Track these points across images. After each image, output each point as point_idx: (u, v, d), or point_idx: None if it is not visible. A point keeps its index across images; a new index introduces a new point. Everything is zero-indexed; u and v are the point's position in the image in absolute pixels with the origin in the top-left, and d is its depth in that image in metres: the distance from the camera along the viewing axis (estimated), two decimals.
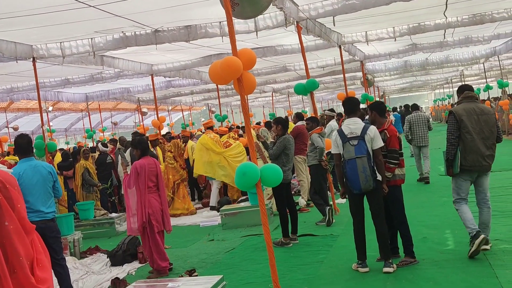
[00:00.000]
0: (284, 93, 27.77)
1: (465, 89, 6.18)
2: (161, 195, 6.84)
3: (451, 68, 24.59)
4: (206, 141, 11.30)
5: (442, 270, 5.51)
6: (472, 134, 5.82)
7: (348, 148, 5.69)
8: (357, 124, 5.80)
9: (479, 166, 5.85)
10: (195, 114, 46.15)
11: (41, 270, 2.51)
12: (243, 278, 6.14)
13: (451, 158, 5.90)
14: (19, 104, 22.69)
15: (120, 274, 6.81)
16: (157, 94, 17.94)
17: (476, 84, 32.47)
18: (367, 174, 5.59)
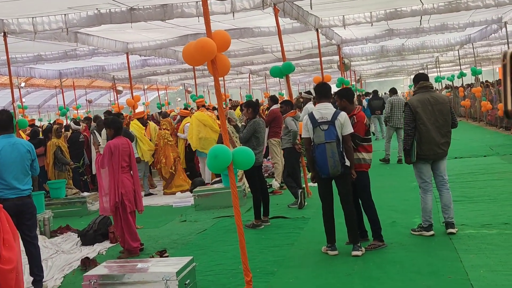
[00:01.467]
0: (261, 75, 27.69)
1: (420, 78, 6.35)
2: (134, 175, 6.82)
3: (426, 54, 24.81)
4: (205, 117, 11.36)
5: (409, 254, 5.64)
6: (426, 125, 6.05)
7: (318, 132, 5.72)
8: (328, 109, 5.84)
9: (434, 154, 6.12)
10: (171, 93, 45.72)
11: (7, 250, 2.49)
12: (214, 259, 6.18)
13: (408, 148, 6.15)
14: None
15: (91, 254, 6.79)
16: (133, 73, 17.77)
17: (450, 71, 32.88)
18: (335, 159, 5.64)
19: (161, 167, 11.33)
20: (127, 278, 4.69)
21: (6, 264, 2.43)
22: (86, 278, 4.80)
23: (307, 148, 5.97)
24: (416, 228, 6.35)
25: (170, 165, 11.30)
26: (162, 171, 11.46)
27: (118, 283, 4.70)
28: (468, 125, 20.98)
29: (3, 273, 2.41)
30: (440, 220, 6.59)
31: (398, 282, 4.85)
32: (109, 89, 30.11)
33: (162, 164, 11.27)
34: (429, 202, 6.21)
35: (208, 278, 5.47)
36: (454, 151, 12.33)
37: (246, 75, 25.25)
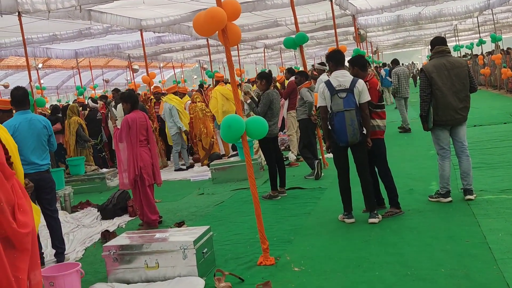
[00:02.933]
0: (276, 49, 27.49)
1: (436, 43, 6.21)
2: (151, 149, 6.86)
3: (444, 23, 24.34)
4: (226, 91, 11.39)
5: (426, 220, 5.62)
6: (442, 90, 5.95)
7: (337, 100, 5.66)
8: (346, 76, 5.77)
9: (452, 120, 6.04)
10: (187, 71, 45.73)
11: (23, 214, 2.53)
12: (231, 229, 6.24)
13: (424, 114, 6.08)
14: (8, 61, 22.42)
15: (110, 227, 6.91)
16: (147, 51, 17.74)
17: (469, 39, 32.23)
18: (354, 127, 5.60)
19: (202, 138, 11.35)
20: (145, 248, 4.76)
21: (22, 228, 2.48)
22: (105, 248, 4.89)
23: (323, 117, 5.92)
24: (434, 195, 6.31)
25: (211, 134, 11.40)
26: (202, 142, 11.48)
27: (137, 253, 4.78)
28: (488, 93, 20.64)
29: (20, 236, 2.46)
30: (458, 186, 6.54)
31: (415, 247, 4.85)
32: (125, 68, 30.21)
33: (204, 134, 11.26)
34: (447, 168, 6.16)
35: (225, 248, 5.53)
36: (474, 119, 12.21)
37: (261, 50, 25.11)
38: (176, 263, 4.69)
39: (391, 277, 4.22)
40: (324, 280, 4.34)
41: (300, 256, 4.98)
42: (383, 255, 4.72)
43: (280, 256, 5.02)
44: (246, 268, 4.84)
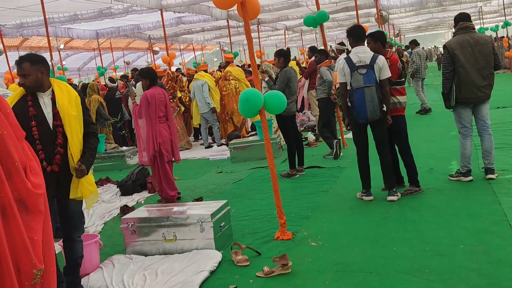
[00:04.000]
0: (297, 31, 27.28)
1: (460, 19, 6.06)
2: (170, 125, 6.87)
3: (469, 4, 23.87)
4: (238, 72, 11.39)
5: (446, 198, 5.56)
6: (465, 67, 5.83)
7: (357, 76, 5.58)
8: (366, 52, 5.68)
9: (475, 98, 5.92)
10: (207, 54, 45.69)
11: (35, 176, 2.55)
12: (249, 206, 6.25)
13: (446, 92, 5.96)
14: (31, 42, 22.64)
15: (130, 203, 6.97)
16: (168, 32, 17.74)
17: (494, 22, 31.55)
18: (374, 103, 5.52)
19: (234, 116, 11.36)
20: (163, 221, 4.79)
21: (37, 189, 2.51)
22: (124, 221, 4.94)
23: (342, 94, 5.84)
24: (454, 174, 6.23)
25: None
26: (234, 120, 11.52)
27: (155, 226, 4.81)
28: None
29: (34, 196, 2.49)
30: (479, 166, 6.45)
31: (434, 224, 4.80)
32: (145, 50, 30.31)
33: (236, 112, 11.25)
34: (468, 147, 6.06)
35: (243, 223, 5.54)
36: (496, 101, 11.99)
37: (281, 32, 24.94)
38: (193, 236, 4.72)
39: (409, 252, 4.19)
40: (341, 254, 4.32)
41: (317, 232, 4.97)
42: (401, 231, 4.69)
43: (297, 232, 5.01)
44: (263, 242, 4.85)
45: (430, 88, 18.02)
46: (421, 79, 12.76)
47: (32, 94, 3.75)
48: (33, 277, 2.47)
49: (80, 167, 3.76)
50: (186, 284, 4.00)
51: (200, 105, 11.21)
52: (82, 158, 3.81)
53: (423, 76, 12.77)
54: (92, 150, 3.93)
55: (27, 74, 3.67)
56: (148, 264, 4.56)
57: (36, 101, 3.74)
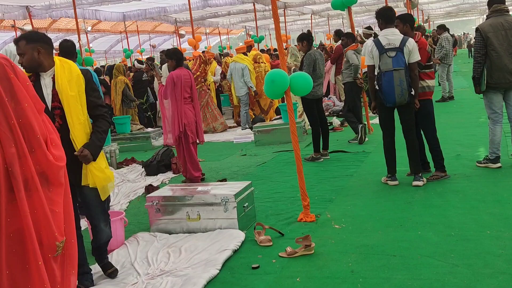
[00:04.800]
0: (324, 16, 26.97)
1: (494, 1, 5.89)
2: (195, 107, 6.88)
3: None
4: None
5: (473, 184, 5.47)
6: (498, 51, 5.70)
7: (385, 59, 5.47)
8: (396, 35, 5.57)
9: (507, 83, 5.79)
10: (233, 39, 45.57)
11: (56, 148, 2.57)
12: (272, 188, 6.25)
13: (477, 76, 5.83)
14: (59, 24, 22.86)
15: (154, 183, 7.03)
16: (194, 15, 17.70)
17: None
18: (403, 87, 5.42)
19: (261, 99, 11.42)
20: (188, 200, 4.82)
21: (58, 161, 2.53)
22: (149, 199, 4.98)
23: (370, 77, 5.75)
24: (482, 160, 6.12)
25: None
26: (261, 102, 11.58)
27: (179, 204, 4.85)
28: None
29: (55, 168, 2.51)
30: (508, 153, 6.33)
31: (460, 209, 4.73)
32: (172, 34, 30.36)
33: (264, 95, 11.29)
34: (498, 133, 5.94)
35: (266, 205, 5.55)
36: None
37: (308, 16, 24.68)
38: (217, 216, 4.74)
39: (434, 237, 4.14)
40: (365, 237, 4.30)
41: (341, 215, 4.95)
42: (426, 216, 4.63)
43: (320, 214, 5.00)
44: (286, 223, 4.85)
45: (458, 75, 17.71)
46: (447, 65, 12.52)
47: (36, 75, 3.57)
48: (55, 249, 2.52)
49: (83, 153, 3.55)
50: (209, 262, 4.03)
51: (237, 88, 11.22)
52: (87, 142, 3.61)
53: (450, 62, 12.52)
54: (100, 133, 3.69)
55: (23, 53, 3.46)
56: (172, 242, 4.60)
57: (38, 82, 3.53)
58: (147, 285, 3.79)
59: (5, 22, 18.99)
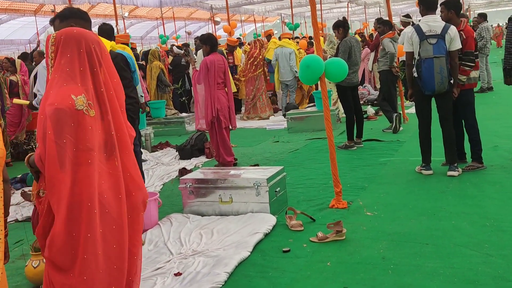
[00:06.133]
0: (361, 4, 26.63)
1: None
2: (228, 92, 6.92)
3: None
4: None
5: (510, 176, 5.35)
6: None
7: (426, 46, 5.33)
8: (437, 22, 5.42)
9: None
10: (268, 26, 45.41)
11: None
12: (304, 174, 6.26)
13: (509, 67, 5.67)
14: (97, 10, 23.24)
15: (188, 166, 7.11)
16: (230, 2, 17.72)
17: None
18: (443, 75, 5.30)
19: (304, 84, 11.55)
20: (220, 183, 4.87)
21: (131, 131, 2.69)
22: (182, 181, 5.06)
23: (408, 64, 5.61)
24: None
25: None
26: (303, 87, 11.76)
27: (212, 187, 4.90)
28: None
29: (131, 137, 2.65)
30: None
31: (496, 200, 4.65)
32: (207, 21, 30.48)
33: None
34: None
35: (298, 190, 5.56)
36: None
37: (344, 4, 24.42)
38: (249, 199, 4.78)
39: (468, 227, 4.08)
40: (397, 225, 4.27)
41: (373, 202, 4.92)
42: (460, 206, 4.57)
43: (352, 201, 4.98)
44: (318, 209, 4.85)
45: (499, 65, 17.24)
46: (485, 56, 12.21)
47: None
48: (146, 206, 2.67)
49: None
50: (240, 244, 4.08)
51: (284, 72, 11.19)
52: None
53: (487, 52, 12.22)
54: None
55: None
56: (204, 224, 4.67)
57: None
58: (179, 264, 3.86)
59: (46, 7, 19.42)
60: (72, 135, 2.33)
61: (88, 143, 2.37)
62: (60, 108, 2.32)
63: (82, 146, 2.36)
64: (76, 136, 2.34)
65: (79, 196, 2.34)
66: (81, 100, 2.37)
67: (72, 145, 2.33)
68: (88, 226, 2.35)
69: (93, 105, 2.43)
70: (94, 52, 2.48)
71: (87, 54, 2.46)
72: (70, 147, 2.33)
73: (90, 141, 2.38)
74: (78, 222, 2.34)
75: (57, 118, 2.31)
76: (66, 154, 2.31)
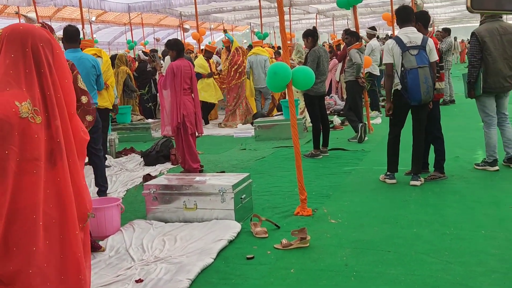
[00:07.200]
0: (329, 16, 26.97)
1: None
2: (195, 98, 6.88)
3: None
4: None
5: (470, 186, 5.49)
6: (493, 55, 5.74)
7: (409, 57, 5.36)
8: (416, 33, 5.49)
9: (500, 88, 5.85)
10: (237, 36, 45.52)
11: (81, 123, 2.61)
12: (270, 182, 6.26)
13: (473, 80, 5.84)
14: (63, 13, 22.84)
15: (152, 173, 7.03)
16: (199, 9, 17.70)
17: None
18: (428, 85, 5.33)
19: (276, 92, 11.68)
20: (185, 189, 4.83)
21: (85, 134, 2.55)
22: (146, 187, 4.99)
23: (389, 74, 5.59)
24: (480, 163, 6.14)
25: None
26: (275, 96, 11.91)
27: (176, 193, 4.86)
28: None
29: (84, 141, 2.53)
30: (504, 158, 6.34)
31: (456, 209, 4.75)
32: (176, 28, 30.33)
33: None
34: (494, 136, 5.96)
35: (263, 198, 5.55)
36: None
37: (313, 16, 24.69)
38: (214, 206, 4.75)
39: (429, 234, 4.15)
40: (360, 233, 4.31)
41: (337, 210, 4.96)
42: (422, 214, 4.65)
43: (317, 209, 5.01)
44: (283, 217, 4.86)
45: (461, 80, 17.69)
46: (447, 70, 12.50)
47: None
48: (86, 219, 2.53)
49: None
50: (204, 251, 4.04)
51: (258, 79, 11.20)
52: None
53: (449, 66, 12.48)
54: None
55: None
56: (167, 230, 4.61)
57: None
58: (140, 270, 3.80)
59: (9, 9, 18.96)
60: (16, 145, 2.22)
61: (33, 153, 2.26)
62: (2, 118, 2.19)
63: (28, 155, 2.25)
64: (21, 146, 2.23)
65: (23, 209, 2.24)
66: (26, 107, 2.24)
67: (16, 156, 2.22)
68: (33, 239, 2.27)
69: (40, 111, 2.30)
70: (42, 51, 2.33)
71: (33, 53, 2.30)
72: (14, 157, 2.21)
73: (36, 150, 2.27)
74: (20, 235, 2.24)
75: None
76: (8, 166, 2.20)
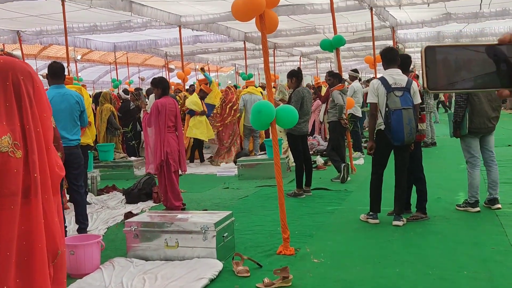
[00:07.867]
0: (313, 59, 27.47)
1: None
2: (179, 136, 6.89)
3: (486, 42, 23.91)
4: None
5: (452, 226, 5.51)
6: (479, 96, 5.87)
7: (393, 98, 5.45)
8: (401, 75, 5.60)
9: (485, 128, 5.97)
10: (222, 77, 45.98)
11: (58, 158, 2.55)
12: (253, 221, 6.22)
13: (459, 120, 5.94)
14: (49, 52, 22.93)
15: (134, 210, 6.95)
16: (184, 50, 17.92)
17: None
18: (412, 126, 5.40)
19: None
20: (167, 226, 4.78)
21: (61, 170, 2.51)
22: (127, 224, 4.93)
23: (372, 114, 5.70)
24: (462, 204, 6.19)
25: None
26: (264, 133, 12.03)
27: (158, 231, 4.79)
28: None
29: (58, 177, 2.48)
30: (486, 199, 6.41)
31: (438, 249, 4.75)
32: (161, 68, 30.58)
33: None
34: (477, 177, 6.05)
35: (246, 237, 5.51)
36: (507, 139, 12.05)
37: (297, 58, 25.14)
38: (195, 244, 4.69)
39: (412, 275, 4.14)
40: (343, 272, 4.28)
41: (320, 249, 4.93)
42: (404, 255, 4.64)
43: (300, 248, 4.97)
44: (265, 256, 4.81)
45: (442, 123, 18.01)
46: (429, 113, 12.55)
47: None
48: (55, 256, 2.46)
49: None
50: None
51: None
52: None
53: (431, 109, 12.63)
54: None
55: None
56: (148, 269, 4.53)
57: None
58: None
59: None
60: None
61: (11, 188, 2.23)
62: None
63: (5, 191, 2.22)
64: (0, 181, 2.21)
65: None
66: (6, 141, 2.22)
67: None
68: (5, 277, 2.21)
69: (20, 145, 2.27)
70: (23, 84, 2.31)
71: (13, 87, 2.28)
72: None
73: (14, 185, 2.23)
74: None
75: None
76: None
